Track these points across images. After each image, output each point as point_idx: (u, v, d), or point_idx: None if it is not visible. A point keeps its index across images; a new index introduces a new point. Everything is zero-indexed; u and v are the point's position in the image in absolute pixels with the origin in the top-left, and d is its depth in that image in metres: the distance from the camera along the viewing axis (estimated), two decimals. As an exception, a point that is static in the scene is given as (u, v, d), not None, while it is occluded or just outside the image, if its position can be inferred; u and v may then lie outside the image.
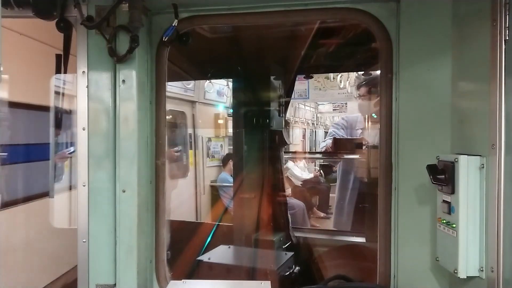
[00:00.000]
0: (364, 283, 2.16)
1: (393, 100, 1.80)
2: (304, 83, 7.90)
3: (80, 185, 1.84)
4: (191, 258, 3.04)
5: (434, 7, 1.73)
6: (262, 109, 3.63)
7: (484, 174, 1.49)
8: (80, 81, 1.84)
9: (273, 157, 3.76)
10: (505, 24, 1.38)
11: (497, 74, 1.40)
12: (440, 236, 1.66)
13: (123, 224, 1.82)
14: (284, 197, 3.95)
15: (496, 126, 1.41)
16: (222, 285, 2.05)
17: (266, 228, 3.48)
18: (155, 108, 2.00)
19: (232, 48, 3.22)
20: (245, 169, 3.61)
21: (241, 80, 3.84)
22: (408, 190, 1.78)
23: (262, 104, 3.64)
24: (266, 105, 3.62)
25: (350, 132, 4.27)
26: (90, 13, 1.80)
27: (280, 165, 3.86)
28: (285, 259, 3.12)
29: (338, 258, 3.57)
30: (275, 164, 3.77)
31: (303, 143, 14.43)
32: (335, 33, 2.80)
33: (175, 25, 1.87)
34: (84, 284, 1.84)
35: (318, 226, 6.74)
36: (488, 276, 1.48)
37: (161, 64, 1.99)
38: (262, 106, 3.63)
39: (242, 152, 3.62)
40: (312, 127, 15.66)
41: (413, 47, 1.76)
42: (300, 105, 12.72)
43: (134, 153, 1.82)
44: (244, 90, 3.82)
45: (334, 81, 7.92)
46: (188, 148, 7.32)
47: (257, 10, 1.92)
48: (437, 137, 1.73)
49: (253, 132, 3.61)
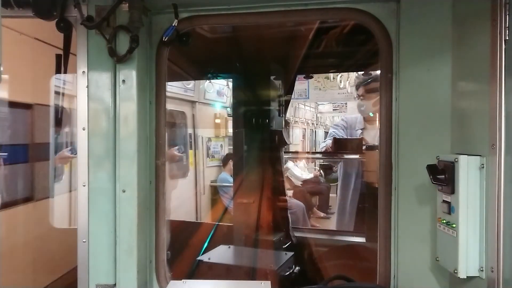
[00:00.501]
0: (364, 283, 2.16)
1: (393, 100, 1.80)
2: (304, 83, 7.91)
3: (80, 185, 1.84)
4: (191, 258, 3.05)
5: (434, 7, 1.73)
6: (262, 109, 3.63)
7: (484, 174, 1.49)
8: (80, 81, 1.84)
9: (273, 157, 3.76)
10: (505, 24, 1.38)
11: (497, 74, 1.40)
12: (440, 236, 1.66)
13: (123, 224, 1.82)
14: (284, 197, 3.96)
15: (496, 126, 1.41)
16: (222, 285, 2.06)
17: (266, 228, 3.48)
18: (155, 108, 2.00)
19: (232, 48, 3.22)
20: (245, 169, 3.62)
21: (241, 80, 3.84)
22: (408, 190, 1.78)
23: (262, 104, 3.64)
24: (266, 105, 3.62)
25: (350, 132, 4.28)
26: (90, 13, 1.79)
27: (280, 165, 3.86)
28: (285, 259, 3.12)
29: (338, 258, 3.57)
30: (275, 164, 3.78)
31: (303, 143, 14.43)
32: (335, 33, 2.80)
33: (175, 25, 1.87)
34: (84, 284, 1.84)
35: (318, 226, 6.74)
36: (488, 276, 1.48)
37: (161, 64, 1.99)
38: (262, 106, 3.63)
39: (242, 152, 3.62)
40: (312, 127, 15.67)
41: (413, 47, 1.76)
42: (300, 105, 12.73)
43: (134, 153, 1.82)
44: (244, 90, 3.82)
45: (334, 81, 7.93)
46: (188, 148, 7.33)
47: (257, 10, 1.92)
48: (437, 137, 1.73)
49: (253, 132, 3.61)
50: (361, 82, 4.21)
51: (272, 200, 3.64)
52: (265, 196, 3.55)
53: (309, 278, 3.22)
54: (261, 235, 3.41)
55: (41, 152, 3.61)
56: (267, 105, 3.62)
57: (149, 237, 1.99)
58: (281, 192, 3.88)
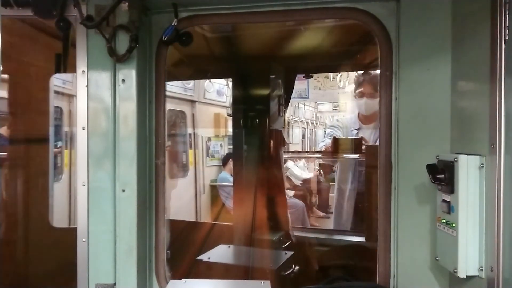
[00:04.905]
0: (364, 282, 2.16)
1: (393, 100, 1.81)
2: (304, 83, 7.90)
3: (80, 185, 1.84)
4: (191, 258, 3.05)
5: (434, 7, 1.73)
6: (262, 109, 3.63)
7: (483, 173, 1.49)
8: (80, 80, 1.84)
9: (273, 156, 3.76)
10: (505, 24, 1.38)
11: (497, 73, 1.40)
12: (440, 235, 1.66)
13: (123, 223, 1.82)
14: (284, 197, 3.96)
15: (496, 126, 1.41)
16: (222, 284, 2.06)
17: (265, 227, 3.48)
18: (154, 107, 2.00)
19: (232, 47, 3.22)
20: (245, 169, 3.61)
21: (241, 80, 3.84)
22: (407, 189, 1.78)
23: (262, 103, 3.64)
24: (266, 104, 3.62)
25: (345, 132, 4.29)
26: (89, 12, 1.79)
27: (280, 164, 3.87)
28: (285, 259, 3.12)
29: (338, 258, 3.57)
30: (275, 164, 3.78)
31: (303, 143, 14.42)
32: (335, 33, 2.80)
33: (175, 24, 1.87)
34: (83, 284, 1.84)
35: (318, 226, 6.74)
36: (487, 276, 1.48)
37: (161, 64, 1.99)
38: (262, 106, 3.63)
39: (242, 152, 3.62)
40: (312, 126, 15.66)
41: (413, 47, 1.76)
42: (300, 104, 12.72)
43: (133, 153, 1.82)
44: (244, 89, 3.82)
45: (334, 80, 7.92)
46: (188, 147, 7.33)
47: (257, 9, 1.91)
48: (437, 136, 1.73)
49: (252, 132, 3.61)
50: (365, 79, 4.22)
51: (272, 199, 3.64)
52: (265, 195, 3.55)
53: (309, 278, 3.22)
54: (261, 234, 3.42)
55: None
56: (267, 105, 3.62)
57: (148, 237, 1.99)
58: (281, 191, 3.88)
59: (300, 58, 3.68)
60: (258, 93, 3.68)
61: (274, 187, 3.72)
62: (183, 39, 1.97)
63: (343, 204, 4.15)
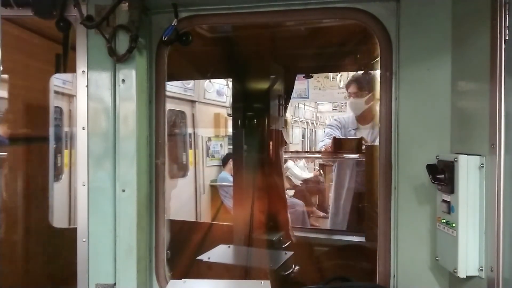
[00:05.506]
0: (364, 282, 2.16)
1: (393, 99, 1.80)
2: (304, 83, 7.89)
3: (80, 185, 1.84)
4: (191, 258, 3.05)
5: (434, 7, 1.73)
6: (261, 109, 3.63)
7: (483, 173, 1.49)
8: (80, 80, 1.84)
9: (273, 156, 3.76)
10: (505, 24, 1.38)
11: (497, 73, 1.40)
12: (440, 235, 1.66)
13: (123, 223, 1.82)
14: (284, 197, 3.96)
15: (496, 126, 1.40)
16: (222, 284, 2.06)
17: (266, 227, 3.48)
18: (154, 107, 2.00)
19: (232, 47, 3.22)
20: (245, 169, 3.61)
21: (241, 80, 3.84)
22: (407, 189, 1.78)
23: (262, 103, 3.64)
24: (266, 104, 3.62)
25: (344, 132, 4.29)
26: (89, 12, 1.79)
27: (280, 164, 3.87)
28: (284, 259, 3.12)
29: (338, 258, 3.57)
30: (275, 164, 3.78)
31: (303, 143, 14.42)
32: (335, 33, 2.80)
33: (175, 24, 1.87)
34: (83, 284, 1.84)
35: (318, 226, 6.74)
36: (487, 276, 1.48)
37: (161, 64, 1.99)
38: (262, 106, 3.63)
39: (242, 152, 3.62)
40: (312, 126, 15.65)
41: (413, 47, 1.76)
42: (300, 104, 12.71)
43: (133, 153, 1.82)
44: (244, 89, 3.82)
45: (334, 80, 7.92)
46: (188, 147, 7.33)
47: (257, 9, 1.91)
48: (437, 136, 1.73)
49: (252, 132, 3.61)
50: (352, 80, 4.23)
51: (272, 199, 3.64)
52: (265, 195, 3.55)
53: (309, 278, 3.22)
54: (261, 234, 3.42)
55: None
56: (267, 105, 3.62)
57: (148, 237, 1.99)
58: (281, 191, 3.88)
59: (300, 58, 3.69)
60: (258, 93, 3.68)
61: (274, 187, 3.73)
62: (183, 39, 1.98)
63: (340, 204, 4.15)
